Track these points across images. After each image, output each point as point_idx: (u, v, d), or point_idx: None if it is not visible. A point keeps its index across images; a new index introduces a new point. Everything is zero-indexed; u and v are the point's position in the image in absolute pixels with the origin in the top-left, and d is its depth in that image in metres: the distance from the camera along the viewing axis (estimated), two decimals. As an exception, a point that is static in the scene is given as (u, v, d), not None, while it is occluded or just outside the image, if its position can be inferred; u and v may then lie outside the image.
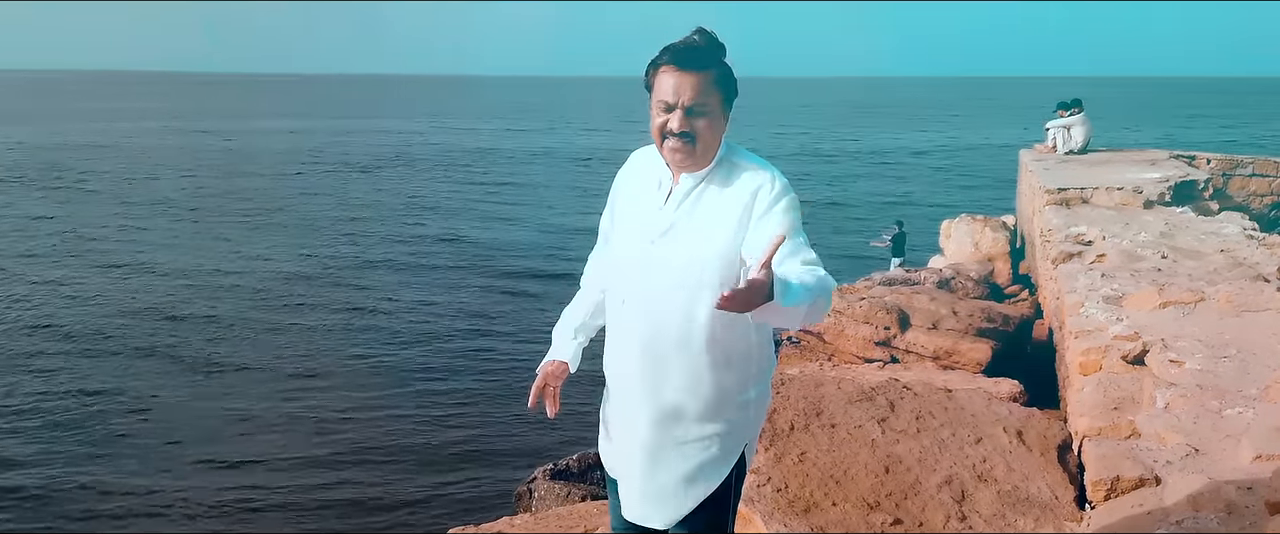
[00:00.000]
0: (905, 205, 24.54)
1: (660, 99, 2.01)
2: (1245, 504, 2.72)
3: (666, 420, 2.10)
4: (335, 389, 10.70)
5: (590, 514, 4.41)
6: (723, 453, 2.12)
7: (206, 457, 8.80)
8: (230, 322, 13.40)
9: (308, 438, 9.28)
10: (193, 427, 9.53)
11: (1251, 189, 11.77)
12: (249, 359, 11.72)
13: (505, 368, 11.49)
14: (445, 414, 9.95)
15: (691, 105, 1.99)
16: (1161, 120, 64.06)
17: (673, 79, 2.00)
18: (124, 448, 9.07)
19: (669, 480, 2.11)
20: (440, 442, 9.21)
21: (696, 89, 1.99)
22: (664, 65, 2.02)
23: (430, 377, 11.17)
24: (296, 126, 55.68)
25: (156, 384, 10.80)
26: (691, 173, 2.07)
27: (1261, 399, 3.50)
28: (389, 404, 10.22)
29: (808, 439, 3.82)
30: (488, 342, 12.68)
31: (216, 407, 10.10)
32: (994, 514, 3.28)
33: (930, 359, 6.36)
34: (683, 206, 2.06)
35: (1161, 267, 5.84)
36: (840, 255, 17.91)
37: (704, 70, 2.00)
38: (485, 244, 19.19)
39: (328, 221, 22.14)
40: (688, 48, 2.01)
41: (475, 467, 8.68)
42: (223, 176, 30.36)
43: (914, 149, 43.75)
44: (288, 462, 8.72)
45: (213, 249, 18.56)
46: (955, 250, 11.03)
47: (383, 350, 12.17)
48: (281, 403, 10.22)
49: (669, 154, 2.04)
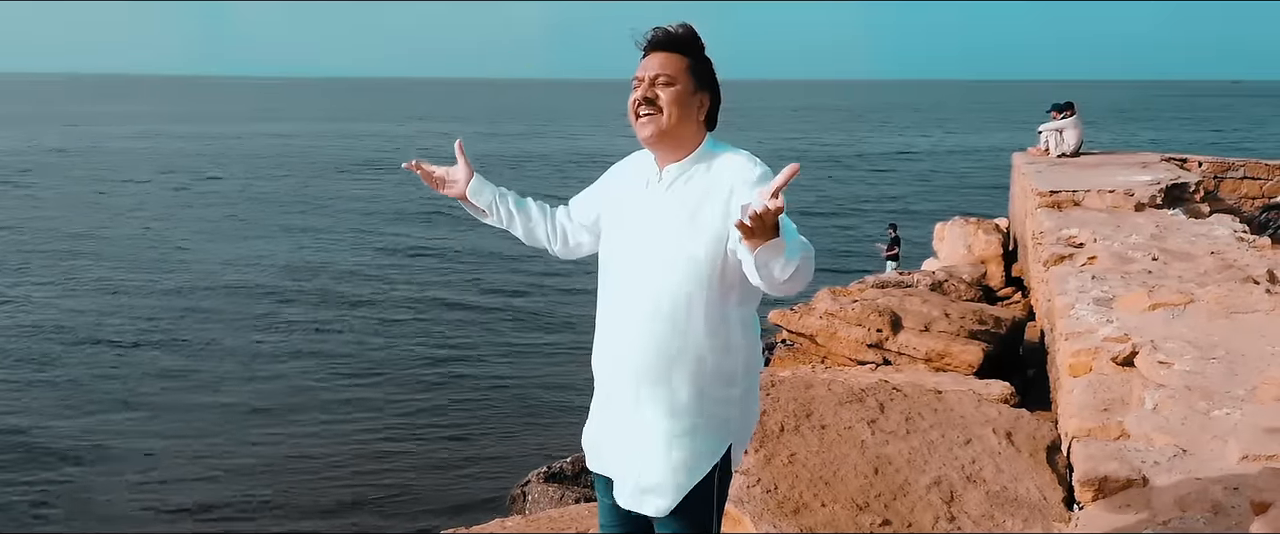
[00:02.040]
0: (898, 209, 24.60)
1: (634, 78, 2.10)
2: (1232, 505, 2.73)
3: (653, 412, 2.11)
4: (327, 390, 10.68)
5: (582, 516, 4.41)
6: (708, 447, 2.12)
7: (197, 458, 8.78)
8: (220, 319, 13.39)
9: (301, 440, 9.26)
10: (183, 428, 9.52)
11: (1242, 191, 11.83)
12: (238, 359, 11.70)
13: (500, 370, 11.49)
14: (440, 416, 9.95)
15: (657, 75, 2.07)
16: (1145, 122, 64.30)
17: (645, 60, 2.10)
18: (114, 440, 9.06)
19: (656, 468, 2.12)
20: (435, 444, 9.20)
21: (663, 64, 2.08)
22: (642, 52, 2.12)
23: (424, 378, 11.16)
24: (282, 129, 55.61)
25: (140, 383, 10.78)
26: (673, 163, 2.12)
27: (1249, 400, 3.52)
28: (383, 405, 10.21)
29: (798, 440, 3.83)
30: (482, 343, 12.67)
31: (205, 406, 10.08)
32: (982, 515, 3.29)
33: (923, 361, 6.36)
34: (666, 197, 2.11)
35: (1152, 269, 5.86)
36: (833, 257, 17.94)
37: (674, 51, 2.09)
38: (476, 247, 19.19)
39: (315, 220, 22.14)
40: (662, 30, 2.11)
41: (469, 469, 8.68)
42: (196, 180, 30.21)
43: (907, 152, 43.84)
44: (280, 463, 8.70)
45: (202, 251, 18.54)
46: (948, 253, 11.04)
47: (376, 351, 12.15)
48: (273, 404, 10.20)
49: (638, 128, 2.10)
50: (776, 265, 1.79)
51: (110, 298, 14.85)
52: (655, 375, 2.09)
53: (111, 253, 18.44)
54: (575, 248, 2.44)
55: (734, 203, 2.00)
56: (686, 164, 2.11)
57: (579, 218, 2.38)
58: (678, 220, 2.07)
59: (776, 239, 1.74)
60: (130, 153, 39.52)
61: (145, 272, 16.67)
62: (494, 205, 2.39)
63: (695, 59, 2.11)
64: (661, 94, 2.07)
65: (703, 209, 2.05)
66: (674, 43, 2.10)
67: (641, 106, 2.08)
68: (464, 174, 2.39)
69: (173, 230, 21.05)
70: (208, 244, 19.40)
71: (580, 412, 2.36)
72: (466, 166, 2.40)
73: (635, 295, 2.11)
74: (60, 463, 8.73)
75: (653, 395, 2.10)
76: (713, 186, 2.06)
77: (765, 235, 1.73)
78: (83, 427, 9.57)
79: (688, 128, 2.10)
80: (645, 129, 2.09)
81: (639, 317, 2.09)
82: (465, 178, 2.39)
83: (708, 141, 2.14)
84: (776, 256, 1.77)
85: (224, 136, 50.32)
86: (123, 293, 15.17)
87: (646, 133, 2.09)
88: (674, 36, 2.10)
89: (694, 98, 2.10)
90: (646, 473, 2.13)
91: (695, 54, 2.12)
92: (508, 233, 2.46)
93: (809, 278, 1.86)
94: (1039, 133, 12.36)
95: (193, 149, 42.29)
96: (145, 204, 25.02)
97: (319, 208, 24.87)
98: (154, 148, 42.32)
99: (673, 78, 2.07)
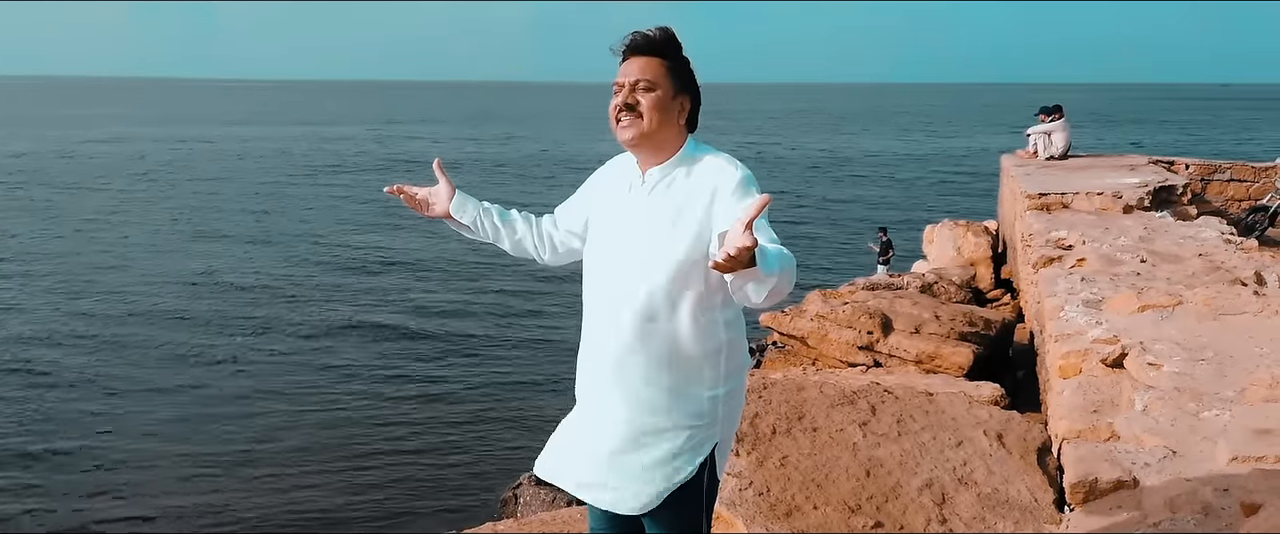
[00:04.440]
0: (889, 211, 24.67)
1: (614, 84, 2.11)
2: (1221, 506, 2.74)
3: (637, 413, 2.13)
4: (317, 394, 10.64)
5: (573, 519, 4.41)
6: (692, 446, 2.13)
7: (187, 466, 8.73)
8: (205, 322, 13.34)
9: (294, 443, 9.23)
10: (171, 432, 9.46)
11: (1229, 194, 11.91)
12: (230, 364, 11.65)
13: (491, 373, 11.47)
14: (431, 420, 9.92)
15: (637, 80, 2.08)
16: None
17: (625, 65, 2.11)
18: (96, 450, 9.00)
19: (637, 466, 2.13)
20: (426, 448, 9.18)
21: (643, 69, 2.08)
22: (621, 57, 2.12)
23: (414, 382, 11.13)
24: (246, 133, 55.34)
25: (134, 381, 10.71)
26: (655, 166, 2.13)
27: (1238, 401, 3.53)
28: (375, 409, 10.18)
29: (789, 443, 3.83)
30: (473, 346, 12.65)
31: (186, 414, 10.02)
32: (974, 517, 3.30)
33: (913, 363, 6.39)
34: (649, 200, 2.13)
35: (1140, 271, 5.89)
36: (825, 260, 17.98)
37: (653, 55, 2.10)
38: (465, 250, 19.16)
39: (310, 228, 22.06)
40: (640, 35, 2.11)
41: (461, 473, 8.66)
42: (165, 184, 30.04)
43: (899, 155, 43.98)
44: (273, 467, 8.66)
45: (187, 252, 18.46)
46: (938, 255, 11.08)
47: (370, 354, 12.12)
48: (266, 408, 10.15)
49: (619, 132, 2.12)
50: (752, 288, 1.80)
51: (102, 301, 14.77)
52: (641, 376, 2.11)
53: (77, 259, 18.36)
54: (566, 255, 2.45)
55: (716, 207, 2.02)
56: (669, 167, 2.12)
57: (567, 225, 2.40)
58: (661, 223, 2.09)
59: (753, 266, 1.73)
60: (99, 157, 39.22)
61: (127, 276, 16.60)
62: (478, 221, 2.41)
63: (674, 62, 2.12)
64: (642, 99, 2.08)
65: (685, 212, 2.07)
66: (652, 47, 2.10)
67: (622, 112, 2.09)
68: (445, 192, 2.41)
69: (140, 236, 20.88)
70: (187, 244, 19.34)
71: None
72: (448, 185, 2.41)
73: (620, 298, 2.12)
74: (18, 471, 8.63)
75: (638, 396, 2.12)
76: (695, 189, 2.08)
77: (741, 267, 1.73)
78: (41, 444, 9.43)
79: (669, 131, 2.11)
80: (626, 133, 2.10)
81: (624, 319, 2.11)
82: (448, 195, 2.41)
83: (689, 144, 2.16)
84: (752, 280, 1.78)
85: (192, 139, 50.11)
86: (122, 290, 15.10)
87: (628, 137, 2.11)
88: (652, 41, 2.10)
89: (675, 101, 2.11)
90: (632, 472, 2.14)
91: (674, 57, 2.12)
92: (494, 246, 2.45)
93: (789, 289, 1.87)
94: (1027, 136, 12.43)
95: (163, 152, 42.14)
96: (114, 208, 24.85)
97: (305, 210, 24.81)
98: (120, 151, 41.99)
99: (653, 82, 2.08)
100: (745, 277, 1.76)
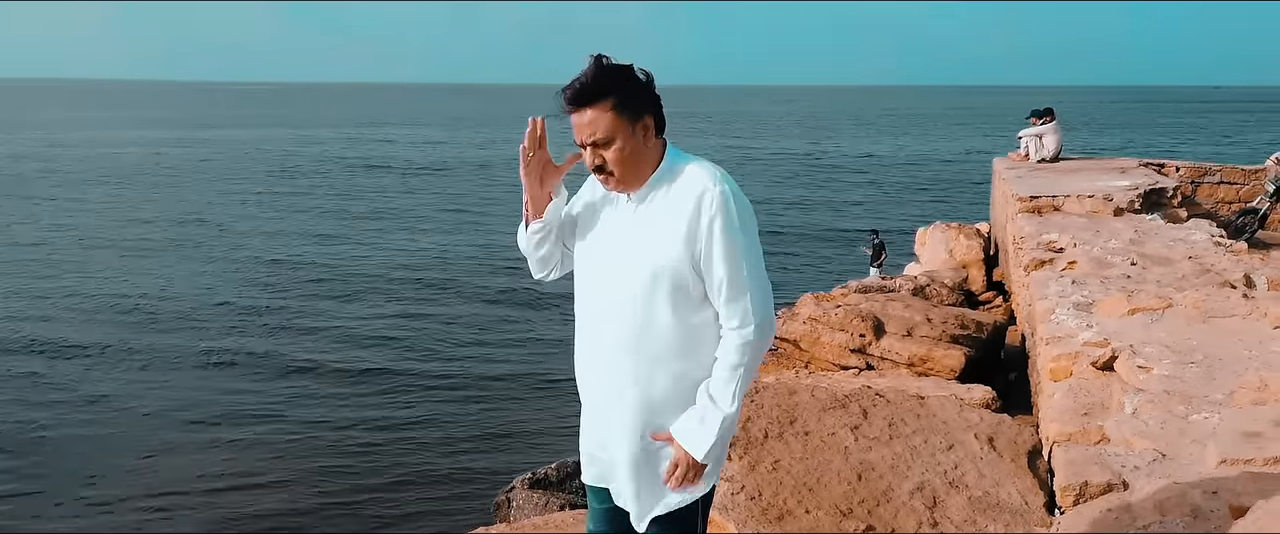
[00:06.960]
0: (881, 214, 24.71)
1: (576, 142, 2.09)
2: (1210, 508, 2.75)
3: (634, 422, 2.16)
4: (309, 398, 10.62)
5: (566, 523, 4.41)
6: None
7: (180, 469, 8.70)
8: (200, 328, 13.28)
9: (288, 446, 9.20)
10: (166, 437, 9.42)
11: (1219, 196, 11.96)
12: (224, 368, 11.61)
13: (484, 376, 11.45)
14: (424, 423, 9.90)
15: (593, 140, 2.04)
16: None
17: (574, 121, 2.05)
18: (93, 449, 8.96)
19: (644, 476, 2.19)
20: (419, 451, 9.15)
21: (593, 124, 2.03)
22: (565, 110, 2.05)
23: (407, 385, 11.10)
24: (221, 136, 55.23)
25: (123, 388, 10.68)
26: (640, 184, 2.13)
27: (1227, 404, 3.55)
28: (365, 413, 10.15)
29: (781, 447, 3.84)
30: (466, 351, 12.63)
31: (175, 418, 9.98)
32: (965, 520, 3.31)
33: (905, 366, 6.39)
34: (635, 214, 2.14)
35: (1131, 273, 5.91)
36: (817, 263, 18.01)
37: (594, 104, 2.01)
38: (457, 254, 19.15)
39: (309, 228, 22.01)
40: (573, 88, 2.01)
41: (454, 476, 8.64)
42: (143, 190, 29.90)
43: (891, 158, 44.07)
44: (265, 471, 8.63)
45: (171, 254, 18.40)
46: (930, 258, 11.10)
47: (364, 359, 12.09)
48: (260, 413, 10.12)
49: (603, 186, 2.16)
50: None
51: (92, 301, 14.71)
52: (633, 386, 2.14)
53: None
54: (553, 270, 2.38)
55: (700, 226, 2.03)
56: (653, 183, 2.13)
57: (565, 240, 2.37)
58: (646, 236, 2.10)
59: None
60: (71, 159, 39.00)
61: (120, 280, 16.54)
62: (548, 226, 2.26)
63: (619, 95, 2.02)
64: (607, 156, 2.05)
65: (672, 222, 2.07)
66: (589, 94, 2.00)
67: (596, 173, 2.11)
68: (552, 181, 2.24)
69: (116, 240, 20.80)
70: (176, 244, 19.27)
71: (565, 418, 2.39)
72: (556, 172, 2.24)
73: (609, 311, 2.15)
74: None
75: (632, 404, 2.16)
76: (677, 201, 2.08)
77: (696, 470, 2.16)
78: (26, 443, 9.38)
79: (643, 161, 2.09)
80: (609, 188, 2.15)
81: (614, 332, 2.14)
82: (552, 186, 2.24)
83: (669, 154, 2.14)
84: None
85: (167, 142, 49.88)
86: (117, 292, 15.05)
87: (611, 190, 2.15)
88: (587, 88, 2.00)
89: (635, 134, 2.05)
90: (628, 478, 2.20)
91: (619, 90, 2.02)
92: (518, 250, 2.34)
93: (756, 370, 2.14)
94: (1019, 138, 12.47)
95: (144, 155, 41.94)
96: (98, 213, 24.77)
97: (299, 212, 24.75)
98: (95, 154, 41.82)
99: (609, 135, 2.02)
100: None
